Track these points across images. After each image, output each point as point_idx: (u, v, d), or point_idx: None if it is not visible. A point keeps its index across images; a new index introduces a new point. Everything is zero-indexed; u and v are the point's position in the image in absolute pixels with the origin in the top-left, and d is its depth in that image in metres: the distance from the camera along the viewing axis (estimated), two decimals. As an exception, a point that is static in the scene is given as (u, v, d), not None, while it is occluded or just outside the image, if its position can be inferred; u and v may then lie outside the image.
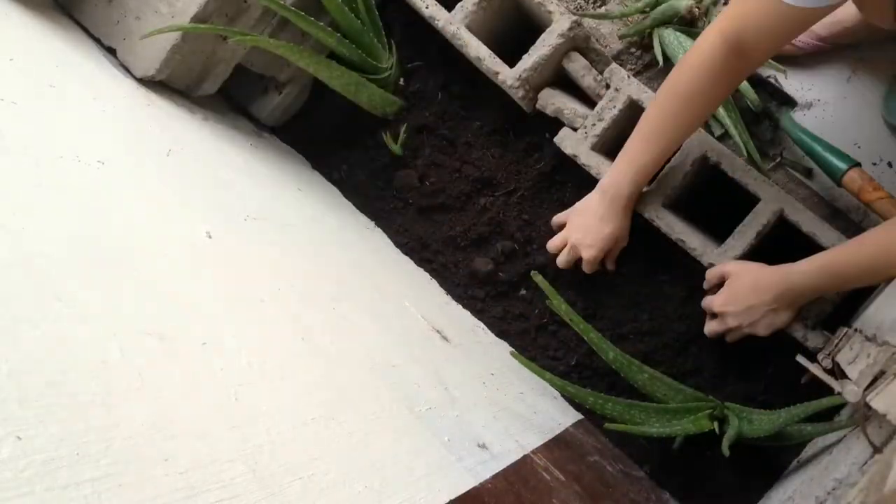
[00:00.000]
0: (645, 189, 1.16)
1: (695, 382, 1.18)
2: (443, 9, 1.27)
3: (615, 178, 1.13)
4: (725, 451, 0.98)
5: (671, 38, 1.25)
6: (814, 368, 0.99)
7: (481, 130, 1.35)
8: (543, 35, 1.22)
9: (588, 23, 1.33)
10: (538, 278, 1.12)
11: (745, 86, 1.23)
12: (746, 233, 1.12)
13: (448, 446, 0.84)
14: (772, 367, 1.17)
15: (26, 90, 0.88)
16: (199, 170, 1.06)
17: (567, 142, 1.21)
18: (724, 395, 1.16)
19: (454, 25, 1.25)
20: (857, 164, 1.11)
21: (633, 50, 1.36)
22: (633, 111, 1.19)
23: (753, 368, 1.18)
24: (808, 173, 1.24)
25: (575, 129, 1.21)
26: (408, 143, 1.38)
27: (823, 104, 1.26)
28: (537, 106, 1.25)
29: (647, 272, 1.24)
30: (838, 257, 0.99)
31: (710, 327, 1.13)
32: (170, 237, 0.83)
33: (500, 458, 0.90)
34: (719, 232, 1.15)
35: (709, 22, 1.25)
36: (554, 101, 1.23)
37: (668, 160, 1.15)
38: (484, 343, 1.24)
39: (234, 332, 0.75)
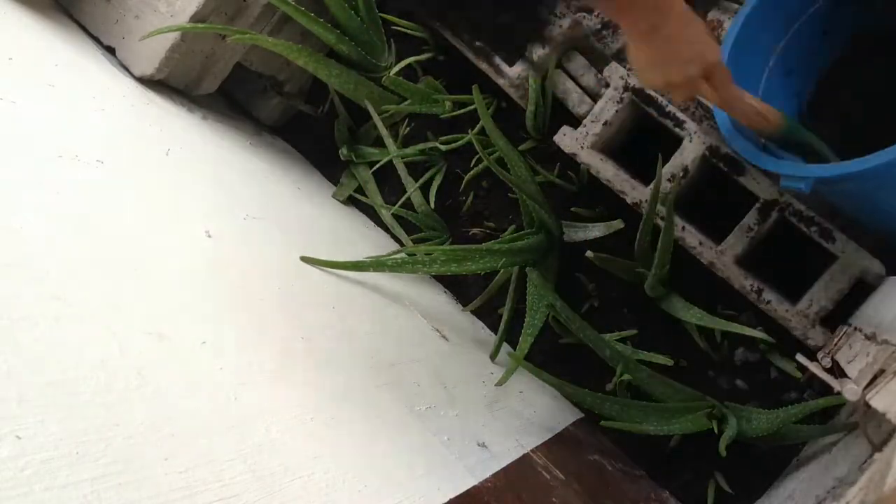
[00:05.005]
0: None
1: (693, 381, 1.18)
2: (442, 8, 1.27)
3: None
4: (722, 451, 0.98)
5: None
6: (813, 367, 0.99)
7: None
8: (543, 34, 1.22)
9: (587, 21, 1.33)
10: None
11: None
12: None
13: (448, 445, 0.84)
14: (771, 366, 1.17)
15: (26, 90, 0.89)
16: (198, 169, 1.06)
17: (566, 140, 1.21)
18: (722, 393, 1.16)
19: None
20: None
21: (632, 49, 1.36)
22: (633, 109, 1.19)
23: (753, 365, 1.18)
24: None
25: (578, 120, 1.22)
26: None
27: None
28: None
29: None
30: None
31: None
32: (169, 236, 0.83)
33: (500, 457, 0.90)
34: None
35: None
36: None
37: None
38: (483, 342, 1.24)
39: (234, 332, 0.75)
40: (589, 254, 1.19)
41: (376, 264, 1.10)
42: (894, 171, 0.83)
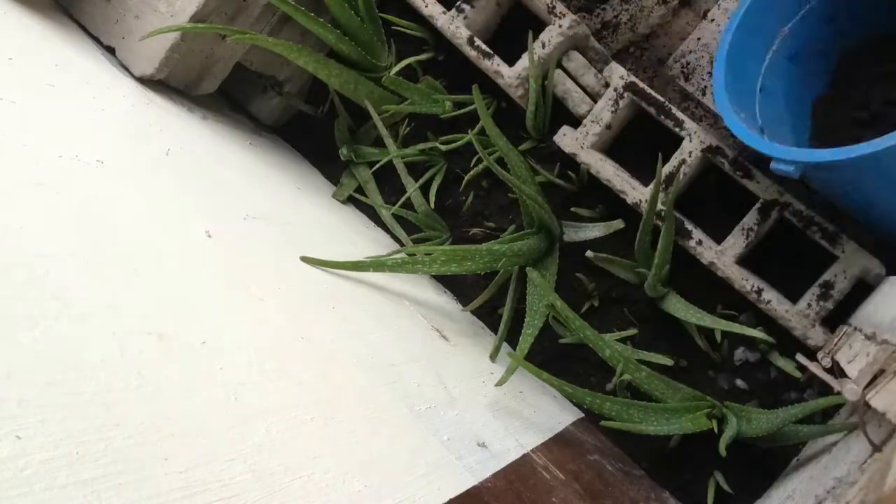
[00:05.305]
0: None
1: (693, 380, 1.18)
2: (442, 8, 1.27)
3: None
4: (722, 451, 0.98)
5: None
6: (813, 367, 0.99)
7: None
8: (543, 33, 1.22)
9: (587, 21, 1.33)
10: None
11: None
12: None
13: (448, 445, 0.84)
14: (771, 366, 1.17)
15: (26, 90, 0.89)
16: (198, 169, 1.06)
17: (566, 140, 1.21)
18: (722, 393, 1.16)
19: (454, 24, 1.25)
20: None
21: (632, 49, 1.36)
22: (633, 109, 1.19)
23: (753, 365, 1.18)
24: None
25: (578, 120, 1.21)
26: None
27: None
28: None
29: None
30: None
31: None
32: (169, 236, 0.83)
33: (500, 457, 0.90)
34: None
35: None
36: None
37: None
38: (483, 342, 1.24)
39: (234, 332, 0.75)
40: (589, 254, 1.19)
41: (376, 264, 1.10)
42: (872, 164, 0.87)
